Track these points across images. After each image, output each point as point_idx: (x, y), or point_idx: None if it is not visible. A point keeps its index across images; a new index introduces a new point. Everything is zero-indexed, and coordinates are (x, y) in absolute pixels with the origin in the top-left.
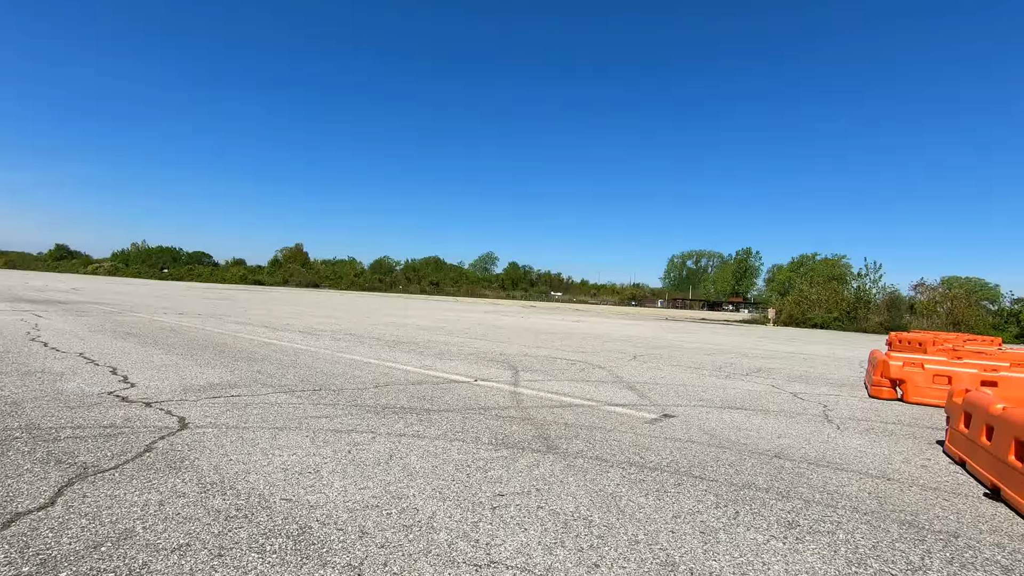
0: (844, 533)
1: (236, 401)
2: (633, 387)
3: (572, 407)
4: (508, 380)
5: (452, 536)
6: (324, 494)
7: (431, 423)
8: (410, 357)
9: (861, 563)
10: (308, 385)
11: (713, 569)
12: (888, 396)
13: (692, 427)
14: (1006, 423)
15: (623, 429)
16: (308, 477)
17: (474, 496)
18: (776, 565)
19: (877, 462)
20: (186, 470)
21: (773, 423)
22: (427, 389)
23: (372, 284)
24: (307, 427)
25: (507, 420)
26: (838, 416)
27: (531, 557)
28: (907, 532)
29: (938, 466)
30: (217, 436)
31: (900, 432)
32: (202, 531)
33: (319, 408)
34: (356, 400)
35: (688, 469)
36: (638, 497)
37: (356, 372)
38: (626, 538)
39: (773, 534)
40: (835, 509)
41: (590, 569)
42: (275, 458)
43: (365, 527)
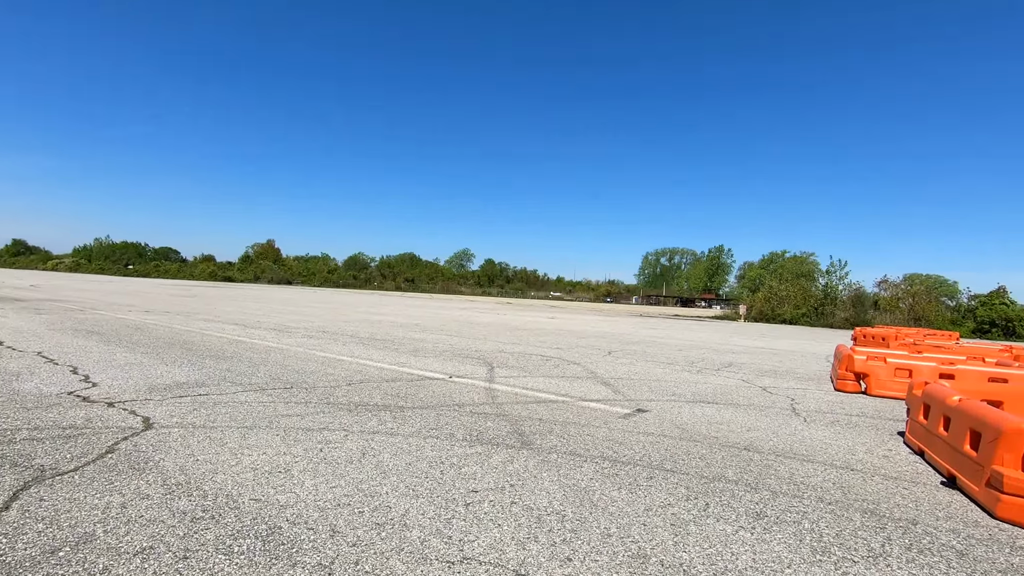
0: (809, 523)
1: (204, 400)
2: (607, 383)
3: (547, 403)
4: (483, 376)
5: (425, 533)
6: (295, 493)
7: (405, 420)
8: (384, 354)
9: (825, 551)
10: (279, 383)
11: (683, 560)
12: (853, 389)
13: (664, 421)
14: (961, 414)
15: (597, 424)
16: (278, 476)
17: (447, 493)
18: (744, 555)
19: (841, 453)
20: (150, 471)
21: (743, 416)
22: (401, 386)
23: (346, 281)
24: (278, 426)
25: (482, 416)
26: (805, 409)
27: (504, 552)
28: (869, 520)
29: (899, 456)
30: (183, 436)
31: (863, 424)
32: (167, 533)
33: (290, 406)
34: (329, 398)
35: (660, 463)
36: (611, 491)
37: (329, 370)
38: (599, 531)
39: (742, 525)
40: (801, 499)
41: (563, 563)
42: (244, 458)
43: (336, 526)
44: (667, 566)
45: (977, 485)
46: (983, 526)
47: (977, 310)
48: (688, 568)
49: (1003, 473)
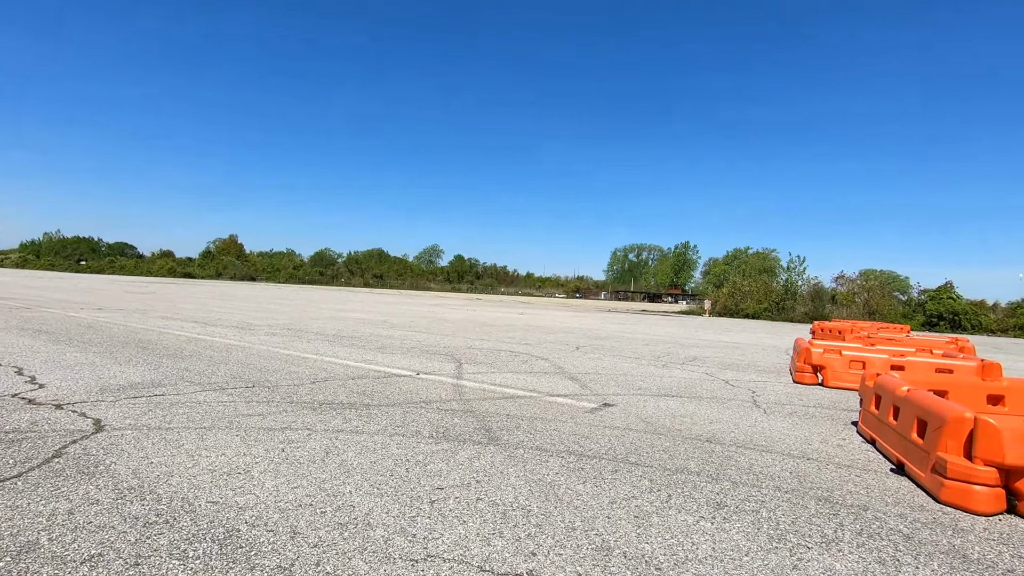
0: (767, 511)
1: (160, 401)
2: (575, 378)
3: (514, 398)
4: (451, 373)
5: (389, 532)
6: (254, 495)
7: (371, 418)
8: (351, 351)
9: (781, 538)
10: (240, 382)
11: (645, 551)
12: (810, 381)
13: (630, 415)
14: (910, 404)
15: (564, 419)
16: (237, 478)
17: (412, 491)
18: (704, 544)
19: (798, 443)
20: (100, 475)
21: (706, 409)
22: (368, 384)
23: (312, 277)
24: (238, 426)
25: (449, 413)
26: (765, 401)
27: (468, 549)
28: (823, 507)
29: (852, 445)
30: (137, 438)
31: (820, 415)
32: (117, 540)
33: (252, 406)
34: (292, 397)
35: (625, 456)
36: (576, 485)
37: (293, 368)
38: (563, 525)
39: (702, 515)
40: (760, 489)
41: (527, 557)
42: (201, 459)
43: (297, 527)
44: (630, 557)
45: (923, 471)
46: (928, 510)
47: (927, 304)
48: (650, 559)
49: (946, 459)
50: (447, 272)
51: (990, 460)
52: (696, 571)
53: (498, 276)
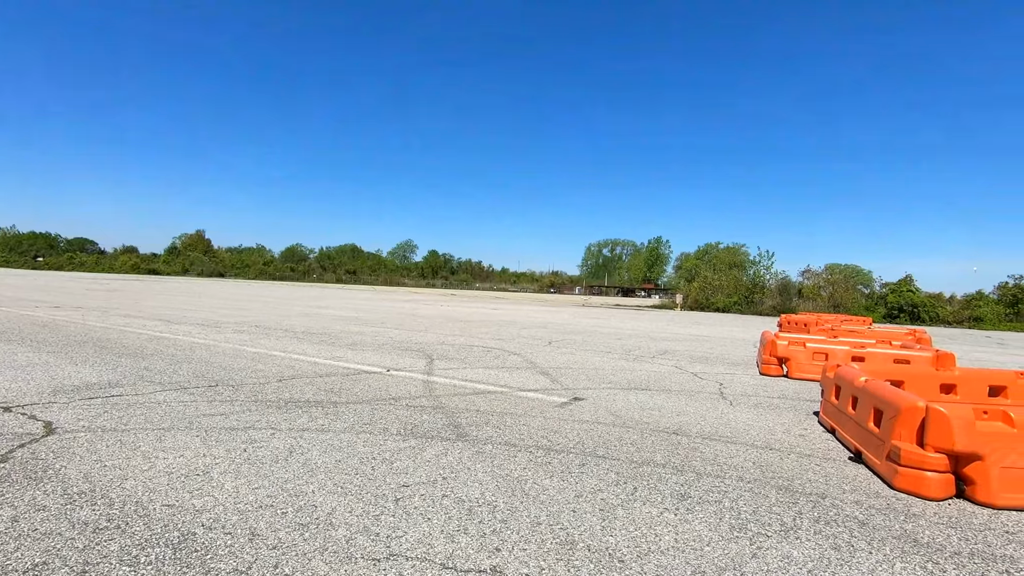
0: (729, 501)
1: (117, 402)
2: (546, 372)
3: (485, 394)
4: (422, 369)
5: (351, 531)
6: (213, 496)
7: (338, 416)
8: (320, 348)
9: (742, 528)
10: (203, 381)
11: (609, 544)
12: (776, 373)
13: (600, 409)
14: (867, 394)
15: (534, 414)
16: (195, 480)
17: (377, 489)
18: (667, 536)
19: (762, 434)
20: (49, 480)
21: (674, 402)
22: (336, 381)
23: (283, 273)
24: (198, 426)
25: (418, 410)
26: (732, 393)
27: (432, 547)
28: (783, 496)
29: (813, 435)
30: (90, 441)
31: (784, 406)
32: (63, 547)
33: (214, 405)
34: (257, 395)
35: (593, 449)
36: (543, 479)
37: (259, 365)
38: (528, 520)
39: (666, 507)
40: (723, 479)
41: (491, 553)
42: (158, 461)
43: (257, 529)
44: (593, 551)
45: (879, 459)
46: (883, 497)
47: (888, 297)
48: (613, 551)
49: (900, 447)
50: (421, 268)
51: (940, 447)
52: (658, 562)
53: (473, 272)
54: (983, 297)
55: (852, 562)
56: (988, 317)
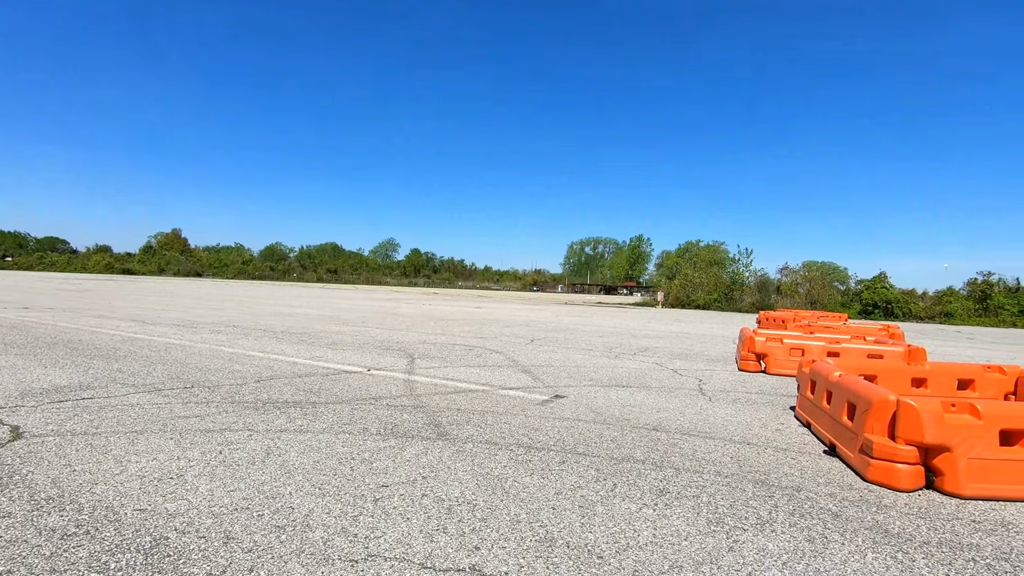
0: (707, 496)
1: (88, 405)
2: (528, 370)
3: (466, 393)
4: (403, 368)
5: (329, 533)
6: (187, 500)
7: (316, 417)
8: (299, 348)
9: (719, 522)
10: (178, 383)
11: (589, 541)
12: (754, 369)
13: (580, 406)
14: (841, 388)
15: (515, 412)
16: (169, 483)
17: (356, 489)
18: (645, 531)
19: (740, 429)
20: (15, 486)
21: (654, 398)
22: (315, 381)
23: (263, 272)
24: (173, 429)
25: (398, 409)
26: (711, 389)
27: (411, 547)
28: (760, 490)
29: (789, 429)
30: (59, 445)
31: (761, 401)
32: (29, 555)
33: (189, 407)
34: (234, 396)
35: (574, 447)
36: (524, 477)
37: (236, 366)
38: (508, 518)
39: (645, 502)
40: (701, 474)
41: (470, 552)
42: (130, 465)
43: (232, 532)
44: (572, 547)
45: (852, 452)
46: (856, 489)
47: (863, 293)
48: (592, 548)
49: (873, 440)
50: (403, 266)
51: (911, 439)
52: (637, 557)
53: (455, 270)
54: (953, 293)
55: (825, 553)
56: (958, 312)
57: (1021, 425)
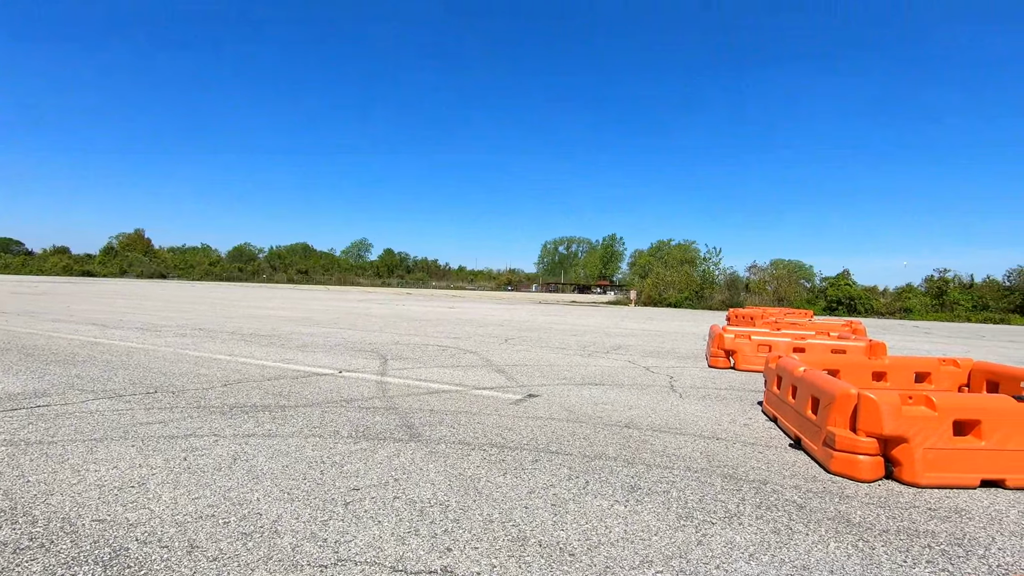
0: (677, 491)
1: (43, 412)
2: (502, 370)
3: (439, 393)
4: (375, 370)
5: (298, 538)
6: (149, 509)
7: (286, 420)
8: (268, 351)
9: (689, 516)
10: (140, 388)
11: (561, 539)
12: (723, 365)
13: (554, 405)
14: (805, 383)
15: (488, 412)
16: (130, 492)
17: (326, 493)
18: (617, 528)
19: (710, 424)
20: None
21: (626, 396)
22: (285, 384)
23: (231, 273)
24: (134, 435)
25: (370, 411)
26: (681, 386)
27: (382, 550)
28: (728, 484)
29: (757, 424)
30: (12, 455)
31: (730, 397)
32: None
33: (152, 413)
34: (199, 401)
35: (546, 445)
36: (497, 477)
37: (202, 370)
38: (481, 519)
39: (617, 499)
40: (672, 470)
41: (442, 554)
42: (89, 474)
43: (196, 540)
44: (544, 546)
45: (816, 445)
46: (819, 480)
47: (827, 291)
48: (564, 545)
49: (835, 433)
50: (376, 267)
51: (871, 431)
52: (608, 554)
53: (429, 270)
54: (912, 290)
55: (790, 544)
56: (916, 308)
57: (973, 416)
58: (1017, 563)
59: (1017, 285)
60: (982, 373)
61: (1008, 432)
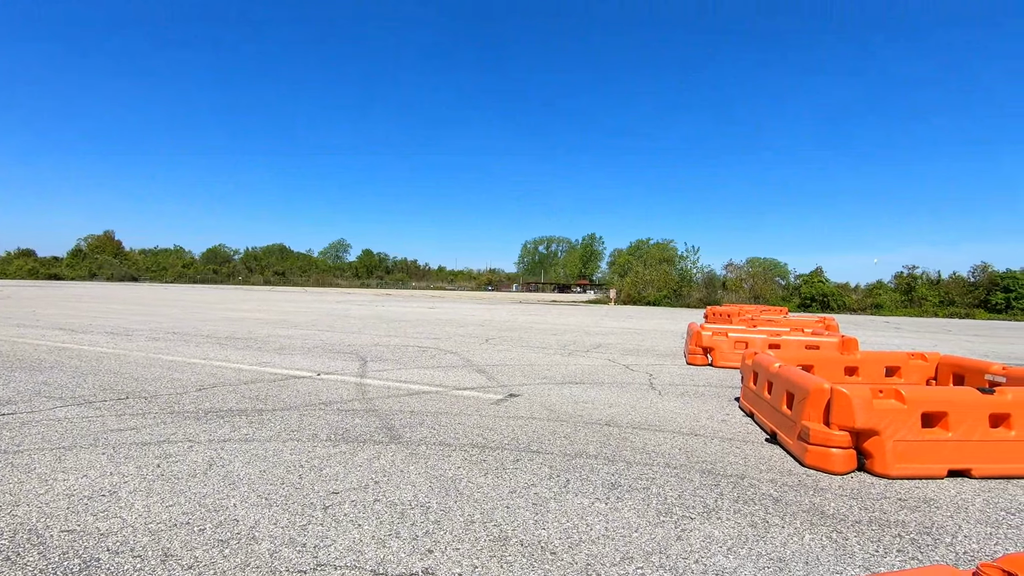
0: (656, 487)
1: (8, 421)
2: (483, 370)
3: (420, 394)
4: (355, 372)
5: (276, 544)
6: (121, 518)
7: (263, 424)
8: (245, 354)
9: (668, 512)
10: (111, 394)
11: (542, 537)
12: (701, 362)
13: (535, 404)
14: (780, 378)
15: (469, 412)
16: (100, 501)
17: (305, 498)
18: (598, 525)
19: (688, 421)
20: None
21: (606, 394)
22: (262, 388)
23: (206, 275)
24: (105, 443)
25: (350, 413)
26: (660, 383)
27: (362, 553)
28: (706, 479)
29: (734, 419)
30: None
31: (708, 393)
32: None
33: (124, 420)
34: (173, 407)
35: (527, 444)
36: (478, 477)
37: (176, 375)
38: (462, 520)
39: (598, 497)
40: (651, 467)
41: (423, 556)
42: (57, 484)
43: (170, 549)
44: (526, 545)
45: (792, 439)
46: (795, 474)
47: (801, 288)
48: (546, 544)
49: (810, 427)
50: (355, 267)
51: (843, 425)
52: (589, 551)
53: (409, 270)
54: (882, 286)
55: (767, 537)
56: (887, 304)
57: (940, 408)
58: (982, 550)
59: (981, 281)
60: (949, 366)
61: (973, 423)
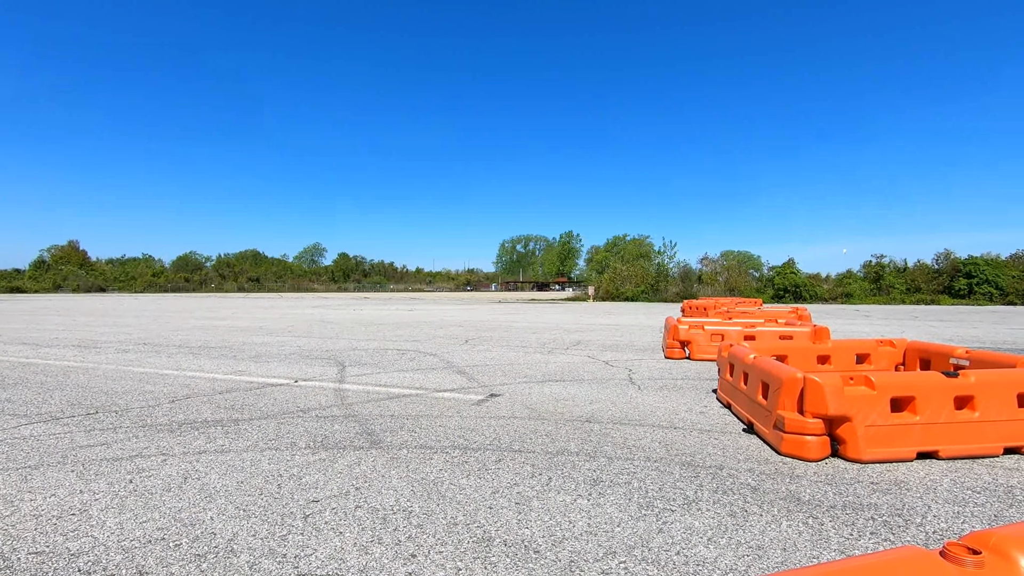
0: (637, 481)
1: None
2: (463, 371)
3: (400, 398)
4: (333, 377)
5: (255, 556)
6: (92, 537)
7: (239, 434)
8: (219, 363)
9: (649, 505)
10: (79, 409)
11: (525, 536)
12: (679, 356)
13: (516, 404)
14: (756, 369)
15: (450, 414)
16: (70, 520)
17: (285, 507)
18: (580, 522)
19: (667, 415)
20: None
21: (587, 390)
22: (238, 397)
23: (177, 284)
24: (74, 460)
25: (329, 420)
26: (640, 378)
27: (345, 561)
28: (686, 472)
29: (712, 411)
30: None
31: (686, 386)
32: None
33: (93, 435)
34: (145, 420)
35: (509, 444)
36: (460, 479)
37: (147, 387)
38: (445, 522)
39: (580, 493)
40: (632, 461)
41: (407, 560)
42: (23, 505)
43: (145, 566)
44: (509, 544)
45: (768, 428)
46: (771, 462)
47: (774, 279)
48: (529, 543)
49: (784, 416)
50: (331, 271)
51: (817, 412)
52: (572, 548)
53: (386, 273)
54: (852, 275)
55: (746, 526)
56: (856, 293)
57: (908, 393)
58: (951, 528)
59: (944, 268)
60: (916, 352)
61: (939, 406)
